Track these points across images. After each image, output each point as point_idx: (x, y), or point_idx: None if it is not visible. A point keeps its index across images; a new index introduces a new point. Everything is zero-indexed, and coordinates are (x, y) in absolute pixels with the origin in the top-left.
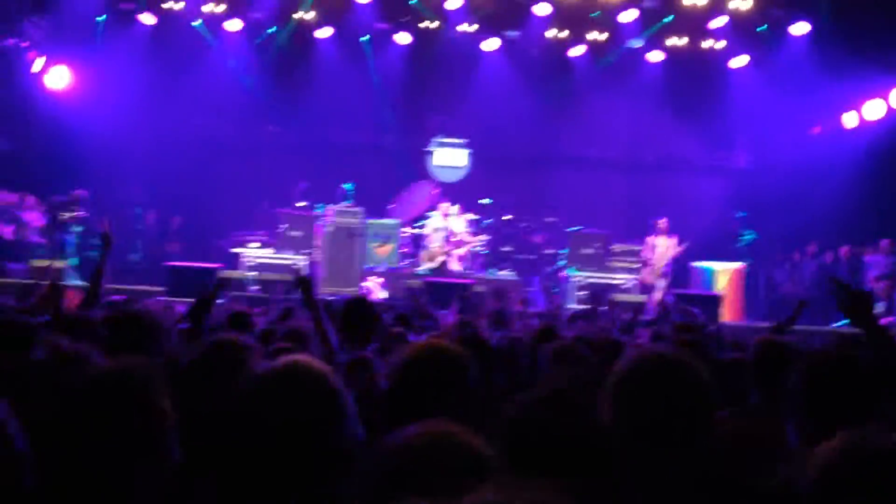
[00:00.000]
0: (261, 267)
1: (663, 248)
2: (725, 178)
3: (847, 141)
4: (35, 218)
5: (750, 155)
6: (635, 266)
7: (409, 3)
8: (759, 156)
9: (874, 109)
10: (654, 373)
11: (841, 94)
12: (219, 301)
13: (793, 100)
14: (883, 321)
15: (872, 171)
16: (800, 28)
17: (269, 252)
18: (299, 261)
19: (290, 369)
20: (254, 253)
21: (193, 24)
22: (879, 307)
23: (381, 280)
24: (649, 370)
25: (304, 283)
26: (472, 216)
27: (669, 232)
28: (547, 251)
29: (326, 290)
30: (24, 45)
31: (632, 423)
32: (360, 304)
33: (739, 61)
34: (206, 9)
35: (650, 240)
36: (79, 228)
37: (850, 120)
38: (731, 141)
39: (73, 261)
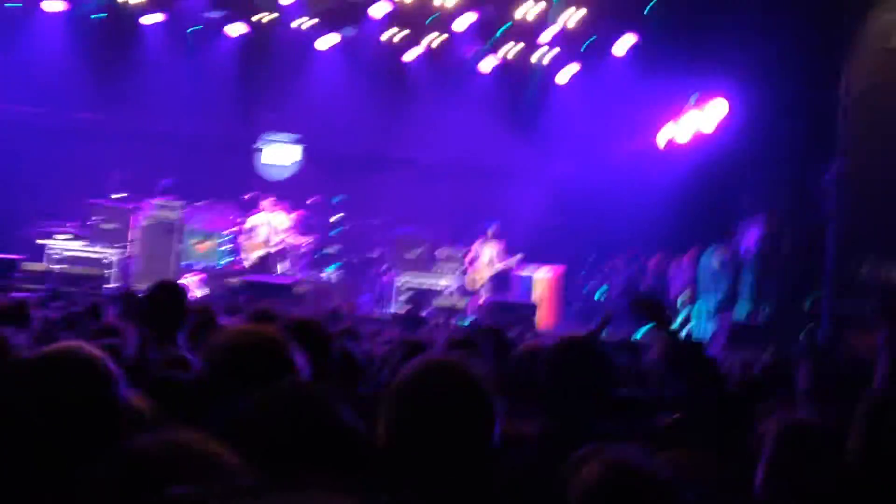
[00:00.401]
0: (69, 260)
1: (491, 253)
2: (547, 187)
3: (665, 155)
4: None
5: (571, 165)
6: (459, 270)
7: None
8: (580, 166)
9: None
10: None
11: (660, 109)
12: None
13: (616, 113)
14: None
15: (687, 184)
16: (625, 41)
17: (79, 244)
18: (112, 255)
19: (57, 354)
20: (62, 245)
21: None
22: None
23: (200, 277)
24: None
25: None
26: (293, 215)
27: (498, 238)
28: (371, 255)
29: (141, 287)
30: None
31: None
32: (168, 289)
33: (567, 73)
34: None
35: (478, 244)
36: None
37: (664, 137)
38: (554, 151)
39: None
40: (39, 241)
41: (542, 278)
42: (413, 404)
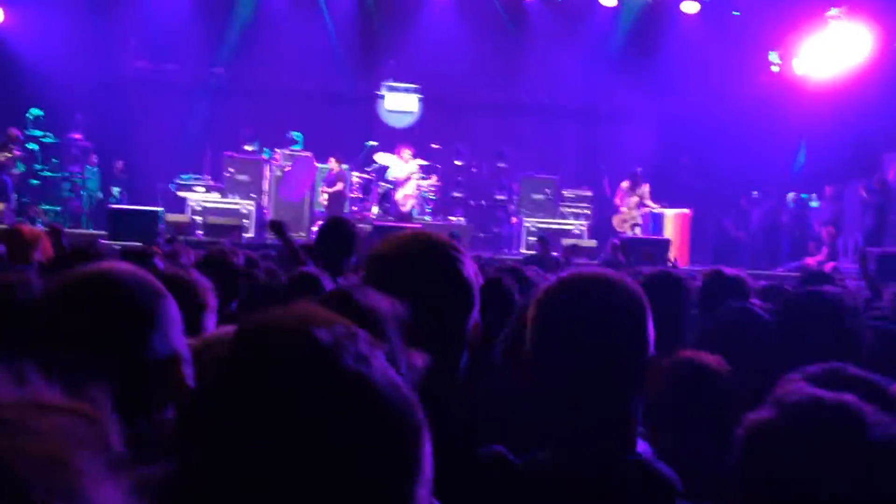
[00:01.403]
0: (207, 211)
1: (636, 195)
2: (671, 126)
3: (799, 86)
4: None
5: (696, 102)
6: (586, 211)
7: None
8: (707, 102)
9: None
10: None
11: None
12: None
13: (744, 44)
14: (826, 266)
15: (818, 118)
16: None
17: (215, 196)
18: (247, 205)
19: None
20: (199, 197)
21: None
22: (823, 252)
23: None
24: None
25: (276, 226)
26: (418, 161)
27: (643, 179)
28: (499, 197)
29: (273, 236)
30: None
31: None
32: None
33: (689, 7)
34: None
35: (623, 186)
36: (20, 169)
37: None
38: (678, 88)
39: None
40: (179, 194)
41: (673, 216)
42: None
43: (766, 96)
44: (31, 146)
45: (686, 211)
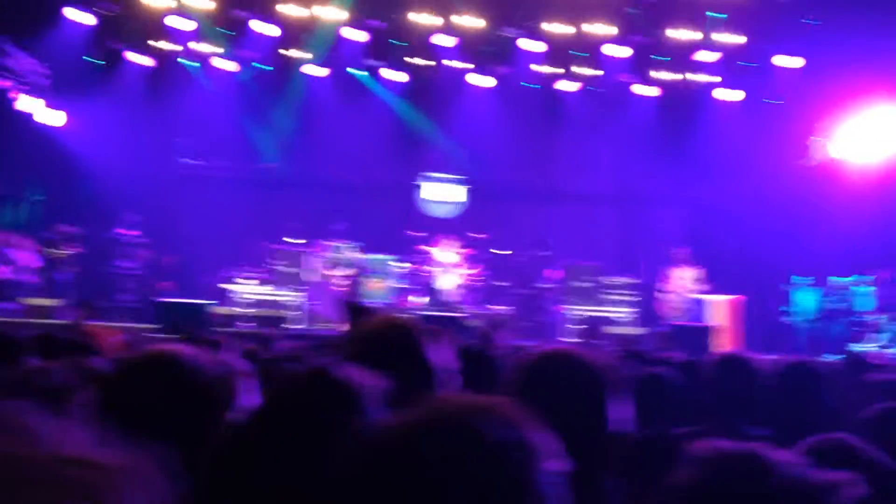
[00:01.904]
0: (253, 303)
1: (683, 279)
2: (713, 211)
3: (843, 171)
4: (28, 257)
5: (738, 188)
6: (630, 298)
7: (397, 42)
8: (749, 188)
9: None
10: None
11: (831, 122)
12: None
13: (783, 129)
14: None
15: (871, 198)
16: (787, 62)
17: (261, 288)
18: (296, 297)
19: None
20: (246, 289)
21: (183, 61)
22: (877, 338)
23: None
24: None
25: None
26: (462, 251)
27: (689, 262)
28: (543, 285)
29: (318, 326)
30: (7, 83)
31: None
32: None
33: (728, 93)
34: (195, 47)
35: (670, 271)
36: (73, 267)
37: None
38: (719, 174)
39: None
40: (222, 286)
41: (720, 302)
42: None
43: (809, 181)
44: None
45: (736, 297)
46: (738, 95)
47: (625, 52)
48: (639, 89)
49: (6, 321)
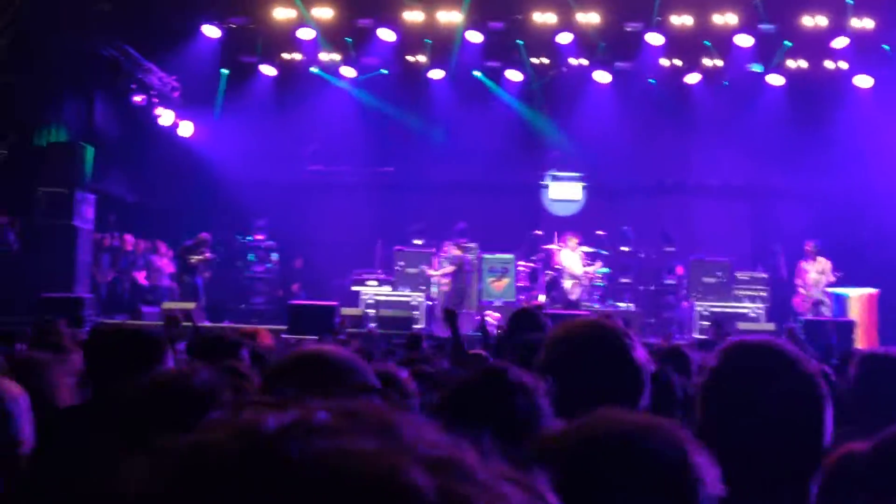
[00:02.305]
0: (379, 304)
1: (816, 273)
2: (846, 203)
3: None
4: (165, 263)
5: (872, 179)
6: (762, 294)
7: (518, 42)
8: (878, 179)
9: None
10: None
11: None
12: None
13: None
14: None
15: None
16: None
17: (386, 289)
18: (416, 297)
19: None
20: (372, 290)
21: (311, 69)
22: None
23: (498, 315)
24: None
25: (449, 315)
26: (585, 248)
27: (821, 254)
28: (668, 281)
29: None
30: (153, 100)
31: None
32: (527, 313)
33: (863, 80)
34: (322, 57)
35: (802, 265)
36: (207, 272)
37: None
38: (851, 165)
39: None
40: (353, 288)
41: (857, 296)
42: None
43: None
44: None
45: (873, 291)
46: (869, 82)
47: (749, 41)
48: (769, 79)
49: (147, 324)
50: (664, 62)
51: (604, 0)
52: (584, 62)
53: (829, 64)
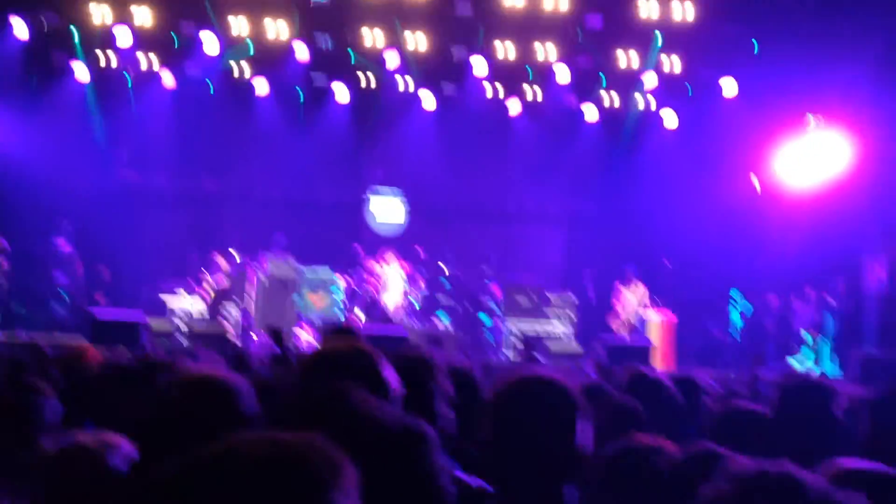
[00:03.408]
0: (191, 318)
1: (634, 296)
2: (655, 232)
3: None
4: None
5: (679, 210)
6: (571, 316)
7: (346, 59)
8: (688, 211)
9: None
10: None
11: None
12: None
13: (719, 152)
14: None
15: (804, 221)
16: (728, 84)
17: (199, 303)
18: (231, 311)
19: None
20: (183, 303)
21: (125, 74)
22: (806, 356)
23: (313, 331)
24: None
25: (274, 333)
26: (405, 267)
27: (636, 281)
28: (483, 301)
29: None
30: None
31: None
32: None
33: (671, 117)
34: (138, 60)
35: (620, 287)
36: (2, 280)
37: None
38: (661, 196)
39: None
40: (163, 298)
41: (656, 321)
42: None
43: (746, 202)
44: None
45: (670, 317)
46: (674, 121)
47: (567, 75)
48: (584, 111)
49: None
50: (488, 88)
51: (431, 25)
52: (411, 82)
53: (639, 98)
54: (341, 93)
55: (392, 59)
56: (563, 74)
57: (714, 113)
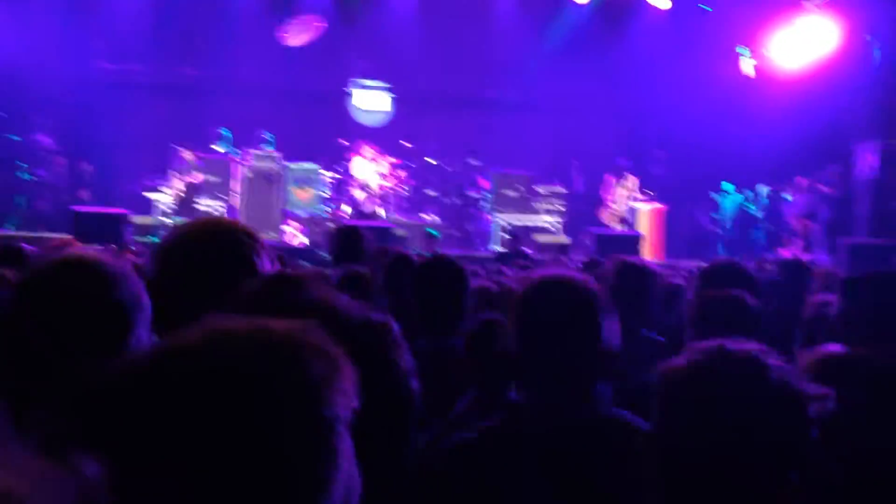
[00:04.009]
0: (173, 213)
1: (625, 189)
2: (641, 119)
3: (770, 79)
4: None
5: (668, 96)
6: (560, 208)
7: None
8: (677, 97)
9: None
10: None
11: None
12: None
13: (710, 38)
14: (804, 258)
15: (788, 109)
16: None
17: (184, 197)
18: (216, 206)
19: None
20: (167, 199)
21: None
22: (797, 244)
23: (300, 226)
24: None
25: None
26: (390, 160)
27: (630, 171)
28: (471, 194)
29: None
30: None
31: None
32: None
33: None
34: None
35: (611, 180)
36: None
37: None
38: (650, 82)
39: None
40: (146, 195)
41: (646, 211)
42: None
43: (737, 88)
44: None
45: (660, 206)
46: (667, 3)
47: None
48: None
49: None
50: None
51: None
52: None
53: None
54: None
55: None
56: None
57: None
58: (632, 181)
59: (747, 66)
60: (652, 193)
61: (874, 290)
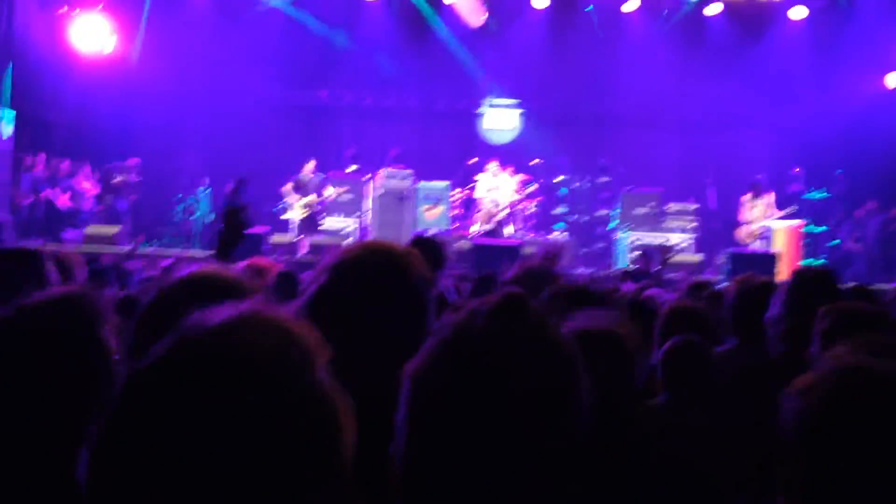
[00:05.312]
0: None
1: (763, 206)
2: (778, 134)
3: None
4: (89, 186)
5: (808, 111)
6: (691, 225)
7: None
8: (818, 111)
9: None
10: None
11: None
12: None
13: (853, 51)
14: None
15: None
16: None
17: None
18: (349, 224)
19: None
20: (297, 216)
21: None
22: None
23: None
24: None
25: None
26: (522, 177)
27: (764, 189)
28: (601, 212)
29: None
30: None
31: None
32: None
33: (798, 13)
34: None
35: (746, 199)
36: (132, 195)
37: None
38: (788, 96)
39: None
40: (282, 217)
41: (781, 228)
42: None
43: (876, 104)
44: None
45: (798, 222)
46: (803, 12)
47: None
48: (706, 9)
49: (69, 249)
50: None
51: None
52: None
53: None
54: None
55: None
56: None
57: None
58: (768, 198)
59: (893, 80)
60: (795, 209)
61: None
